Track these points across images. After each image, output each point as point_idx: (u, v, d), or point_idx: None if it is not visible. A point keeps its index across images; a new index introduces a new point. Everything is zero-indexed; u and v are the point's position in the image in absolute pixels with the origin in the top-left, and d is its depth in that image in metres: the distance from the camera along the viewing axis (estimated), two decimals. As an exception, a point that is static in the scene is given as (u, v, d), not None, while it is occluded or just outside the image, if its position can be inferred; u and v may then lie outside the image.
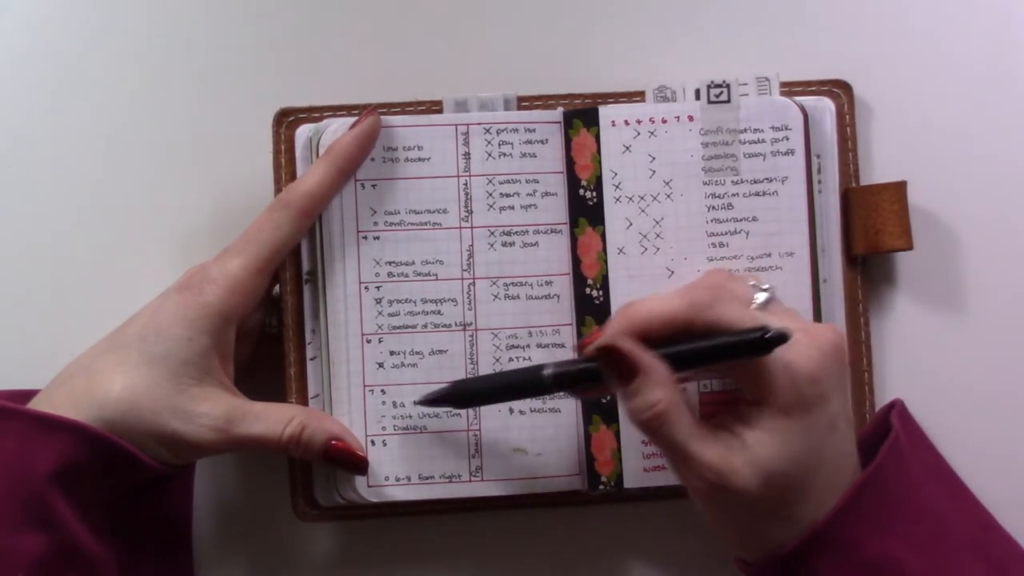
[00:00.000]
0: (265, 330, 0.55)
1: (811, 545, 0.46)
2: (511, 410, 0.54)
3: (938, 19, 0.58)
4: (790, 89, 0.55)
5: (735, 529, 0.48)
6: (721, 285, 0.49)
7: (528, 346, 0.55)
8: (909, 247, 0.55)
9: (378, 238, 0.54)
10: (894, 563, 0.46)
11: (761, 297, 0.49)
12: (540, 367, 0.49)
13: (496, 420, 0.54)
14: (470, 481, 0.54)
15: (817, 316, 0.54)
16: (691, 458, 0.46)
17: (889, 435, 0.50)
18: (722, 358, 0.46)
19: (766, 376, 0.46)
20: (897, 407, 0.53)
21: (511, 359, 0.54)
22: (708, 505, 0.48)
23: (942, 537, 0.47)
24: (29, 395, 0.50)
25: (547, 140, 0.55)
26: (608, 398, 0.54)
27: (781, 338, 0.44)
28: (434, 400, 0.52)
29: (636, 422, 0.46)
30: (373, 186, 0.54)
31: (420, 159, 0.54)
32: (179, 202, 0.57)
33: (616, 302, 0.54)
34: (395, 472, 0.54)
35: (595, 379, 0.47)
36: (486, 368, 0.54)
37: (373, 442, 0.54)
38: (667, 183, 0.54)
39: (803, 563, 0.46)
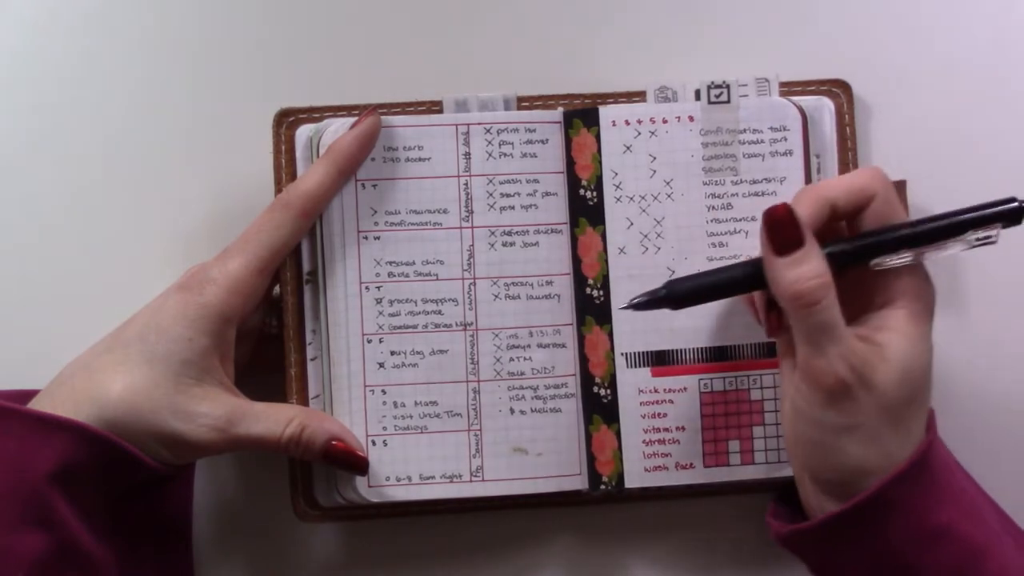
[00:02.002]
0: (265, 330, 0.55)
1: (883, 496, 0.46)
2: (511, 410, 0.54)
3: (938, 19, 0.58)
4: (789, 89, 0.55)
5: (848, 442, 0.47)
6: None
7: (529, 346, 0.55)
8: (909, 246, 0.55)
9: (379, 238, 0.54)
10: (954, 530, 0.46)
11: None
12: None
13: (496, 420, 0.54)
14: (471, 481, 0.54)
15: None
16: (841, 341, 0.45)
17: (930, 414, 0.50)
18: (966, 227, 0.47)
19: (908, 277, 0.47)
20: None
21: (512, 359, 0.54)
22: (830, 407, 0.46)
23: (979, 512, 0.48)
24: (29, 395, 0.50)
25: (547, 140, 0.55)
26: (609, 398, 0.54)
27: None
28: (647, 303, 0.50)
29: (797, 291, 0.46)
30: (374, 186, 0.54)
31: (420, 159, 0.54)
32: (180, 202, 0.57)
33: (616, 302, 0.54)
34: (396, 472, 0.54)
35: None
36: (487, 369, 0.54)
37: (374, 442, 0.54)
38: (667, 183, 0.55)
39: (871, 517, 0.46)
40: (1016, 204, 0.46)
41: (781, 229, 0.46)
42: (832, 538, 0.47)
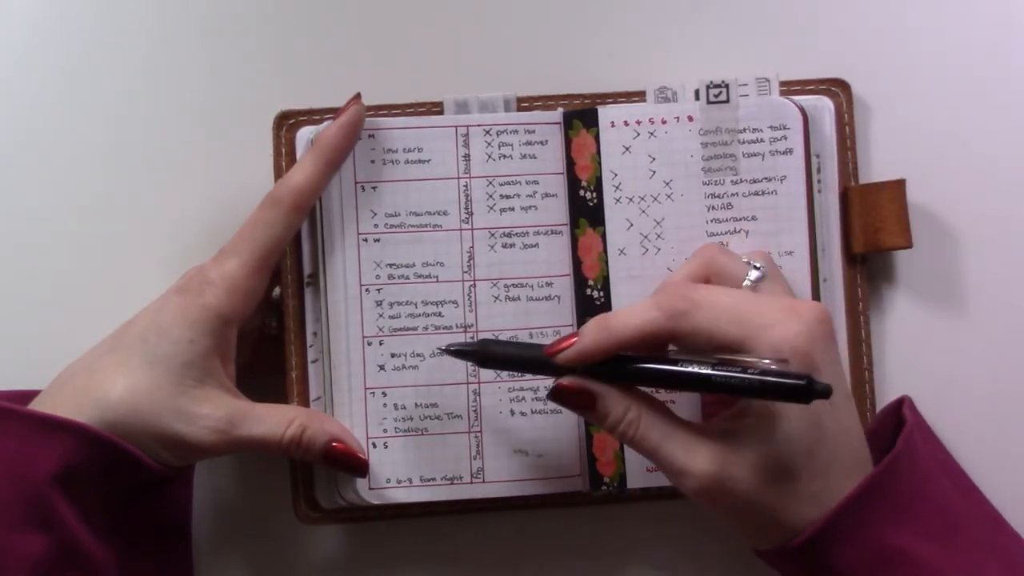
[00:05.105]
0: (264, 331, 0.55)
1: (826, 532, 0.46)
2: (512, 412, 0.54)
3: (938, 19, 0.58)
4: (789, 88, 0.55)
5: (744, 524, 0.48)
6: (713, 261, 0.50)
7: (529, 347, 0.55)
8: (908, 245, 0.55)
9: (379, 240, 0.54)
10: (910, 554, 0.46)
11: (754, 275, 0.50)
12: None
13: (497, 422, 0.54)
14: (471, 483, 0.54)
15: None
16: (674, 455, 0.46)
17: (904, 427, 0.49)
18: (757, 395, 0.45)
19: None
20: (907, 402, 0.54)
21: (512, 360, 0.54)
22: (711, 507, 0.47)
23: (956, 532, 0.47)
24: (30, 396, 0.50)
25: (547, 141, 0.55)
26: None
27: (825, 391, 0.43)
28: (460, 353, 0.50)
29: (616, 435, 0.47)
30: (373, 188, 0.54)
31: (420, 161, 0.54)
32: (180, 204, 0.57)
33: (617, 303, 0.54)
34: (396, 474, 0.54)
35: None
36: (487, 370, 0.54)
37: (374, 444, 0.54)
38: (667, 183, 0.55)
39: (818, 551, 0.46)
40: (804, 383, 0.43)
41: (568, 401, 0.47)
42: (787, 563, 0.48)
